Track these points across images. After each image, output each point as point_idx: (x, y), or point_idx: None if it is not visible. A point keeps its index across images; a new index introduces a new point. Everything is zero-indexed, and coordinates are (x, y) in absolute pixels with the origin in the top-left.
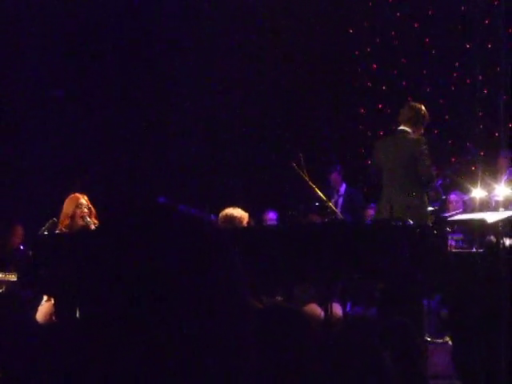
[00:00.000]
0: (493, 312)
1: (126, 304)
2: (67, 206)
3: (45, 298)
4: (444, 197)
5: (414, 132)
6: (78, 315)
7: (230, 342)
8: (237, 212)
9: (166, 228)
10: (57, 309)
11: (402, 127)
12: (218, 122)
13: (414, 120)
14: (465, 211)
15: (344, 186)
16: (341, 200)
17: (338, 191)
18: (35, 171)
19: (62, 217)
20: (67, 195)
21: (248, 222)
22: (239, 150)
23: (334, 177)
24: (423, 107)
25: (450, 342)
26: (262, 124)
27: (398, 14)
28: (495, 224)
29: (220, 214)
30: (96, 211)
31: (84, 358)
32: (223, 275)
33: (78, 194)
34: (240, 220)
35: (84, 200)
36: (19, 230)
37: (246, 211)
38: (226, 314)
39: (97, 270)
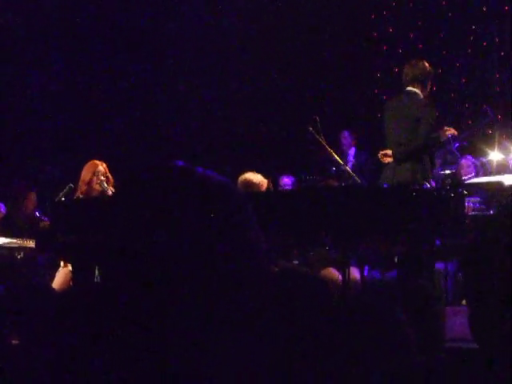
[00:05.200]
0: (509, 276)
1: (146, 267)
2: (85, 173)
3: (62, 263)
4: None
5: (422, 91)
6: (95, 280)
7: (244, 302)
8: (256, 178)
9: (184, 189)
10: (74, 274)
11: (409, 88)
12: (233, 85)
13: (421, 78)
14: (477, 175)
15: (353, 149)
16: (350, 164)
17: (347, 154)
18: (47, 136)
19: (79, 183)
20: (81, 162)
21: (268, 188)
22: (254, 114)
23: (345, 136)
24: (426, 62)
25: None
26: (277, 87)
27: None
28: None
29: (239, 179)
30: (113, 180)
31: (103, 323)
32: (241, 236)
33: (96, 161)
34: (259, 186)
35: (102, 167)
36: (32, 196)
37: (265, 177)
38: (242, 274)
39: (117, 233)
